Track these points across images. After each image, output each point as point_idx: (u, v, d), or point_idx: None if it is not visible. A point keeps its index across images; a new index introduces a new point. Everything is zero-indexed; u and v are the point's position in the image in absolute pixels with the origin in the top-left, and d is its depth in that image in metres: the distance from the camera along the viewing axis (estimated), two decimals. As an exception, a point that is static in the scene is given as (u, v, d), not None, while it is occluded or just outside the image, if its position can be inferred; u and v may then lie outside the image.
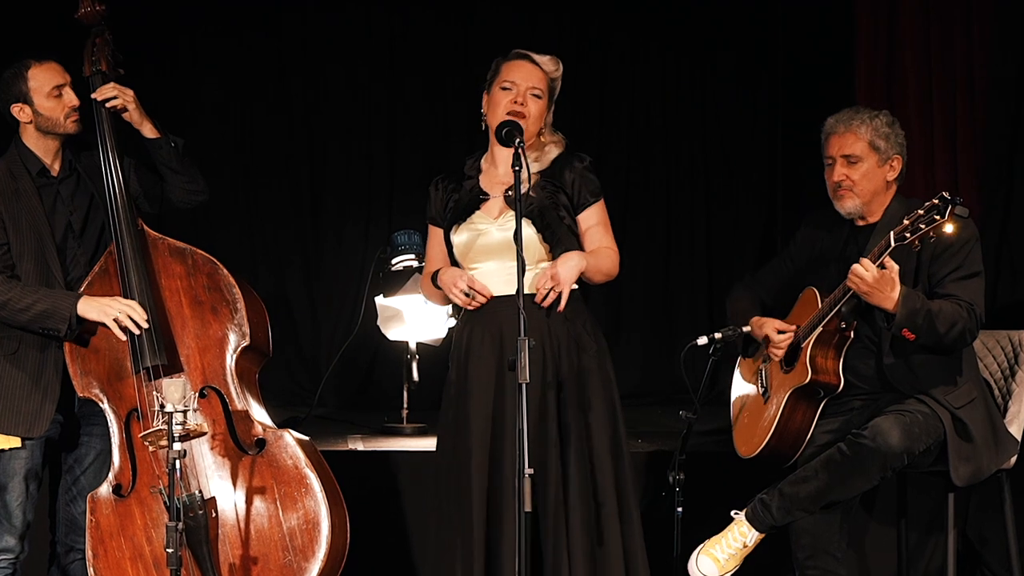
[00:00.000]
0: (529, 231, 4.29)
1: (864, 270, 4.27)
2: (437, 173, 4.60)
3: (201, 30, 7.07)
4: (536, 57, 4.40)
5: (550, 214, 4.34)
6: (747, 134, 7.44)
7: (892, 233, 4.24)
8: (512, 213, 4.24)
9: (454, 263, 4.43)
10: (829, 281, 4.53)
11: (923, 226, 4.17)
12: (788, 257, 4.83)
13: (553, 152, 4.42)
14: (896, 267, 4.29)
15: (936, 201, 4.17)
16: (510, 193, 4.31)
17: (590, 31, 7.35)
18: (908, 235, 4.20)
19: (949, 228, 4.16)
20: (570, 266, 4.28)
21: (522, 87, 4.35)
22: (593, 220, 4.42)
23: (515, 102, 4.32)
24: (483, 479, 4.25)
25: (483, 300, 4.33)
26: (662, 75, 7.43)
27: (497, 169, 4.43)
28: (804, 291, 4.66)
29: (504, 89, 4.36)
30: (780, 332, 4.61)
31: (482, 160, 4.49)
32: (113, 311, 4.46)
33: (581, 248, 4.38)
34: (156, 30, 6.82)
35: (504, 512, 4.21)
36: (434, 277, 4.45)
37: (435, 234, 4.53)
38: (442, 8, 7.25)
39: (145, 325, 4.45)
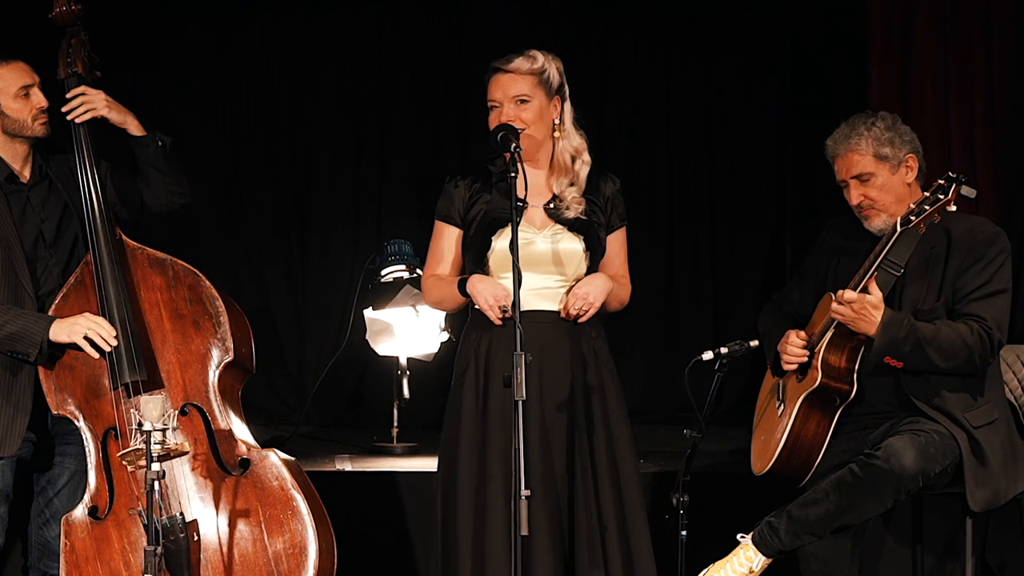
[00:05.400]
0: (578, 246, 4.34)
1: (839, 303, 4.26)
2: (428, 180, 4.52)
3: (184, 30, 7.06)
4: (508, 65, 4.35)
5: (594, 233, 4.39)
6: (754, 135, 7.42)
7: (898, 219, 4.23)
8: (558, 226, 4.34)
9: (479, 269, 4.34)
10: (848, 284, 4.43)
11: (928, 207, 4.20)
12: (811, 268, 4.73)
13: (584, 170, 4.43)
14: (879, 293, 4.25)
15: (941, 181, 4.19)
16: (551, 206, 4.35)
17: (590, 30, 7.33)
18: (913, 218, 4.21)
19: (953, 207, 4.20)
20: (600, 286, 4.33)
21: (503, 101, 4.33)
22: (617, 245, 4.47)
23: (500, 120, 4.31)
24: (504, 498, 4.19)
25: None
26: (665, 75, 7.41)
27: (529, 179, 4.36)
28: (823, 297, 4.56)
29: (492, 108, 4.36)
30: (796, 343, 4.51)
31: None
32: (82, 328, 4.40)
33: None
34: (138, 31, 6.81)
35: (534, 535, 4.13)
36: (462, 284, 4.34)
37: (448, 233, 4.43)
38: (435, 7, 7.23)
39: (113, 343, 4.40)
